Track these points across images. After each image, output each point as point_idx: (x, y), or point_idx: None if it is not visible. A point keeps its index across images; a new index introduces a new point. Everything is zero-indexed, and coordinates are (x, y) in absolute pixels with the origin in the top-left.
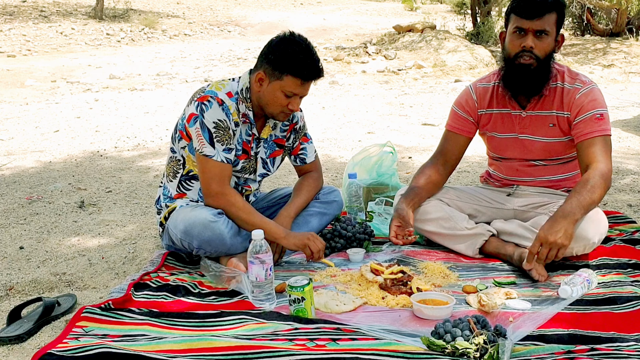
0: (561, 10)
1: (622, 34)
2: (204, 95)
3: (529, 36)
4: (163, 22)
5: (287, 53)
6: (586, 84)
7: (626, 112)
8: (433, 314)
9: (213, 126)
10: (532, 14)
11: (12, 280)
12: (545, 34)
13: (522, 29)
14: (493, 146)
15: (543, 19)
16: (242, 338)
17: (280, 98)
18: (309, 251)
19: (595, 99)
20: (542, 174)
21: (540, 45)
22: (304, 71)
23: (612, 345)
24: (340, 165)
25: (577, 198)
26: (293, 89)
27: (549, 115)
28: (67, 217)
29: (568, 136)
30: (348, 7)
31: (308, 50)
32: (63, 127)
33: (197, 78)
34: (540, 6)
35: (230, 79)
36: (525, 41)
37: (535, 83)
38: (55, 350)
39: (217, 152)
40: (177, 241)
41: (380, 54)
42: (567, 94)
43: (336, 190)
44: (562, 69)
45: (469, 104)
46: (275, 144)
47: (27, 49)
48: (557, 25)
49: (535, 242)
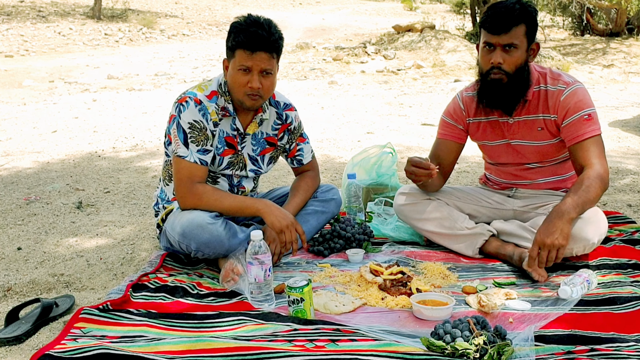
0: (530, 20)
1: (622, 33)
2: (183, 97)
3: (497, 51)
4: (161, 22)
5: (234, 29)
6: (569, 84)
7: (626, 112)
8: (433, 315)
9: (188, 127)
10: (499, 28)
11: (10, 281)
12: (514, 47)
13: (491, 44)
14: (487, 154)
15: (510, 33)
16: (241, 339)
17: (239, 77)
18: (283, 238)
19: (581, 99)
20: (539, 177)
21: (510, 60)
22: (248, 41)
23: (612, 346)
24: (339, 165)
25: (571, 197)
26: (244, 62)
27: (536, 120)
28: (65, 217)
29: (558, 137)
30: (347, 7)
31: (254, 22)
32: (61, 128)
33: (196, 78)
34: (506, 20)
35: (209, 79)
36: (493, 57)
37: (508, 97)
38: (53, 351)
39: (191, 152)
40: (175, 243)
41: (380, 54)
42: (551, 96)
43: (334, 189)
44: (544, 71)
45: (457, 113)
46: (266, 142)
47: (25, 49)
48: (528, 36)
49: (534, 246)
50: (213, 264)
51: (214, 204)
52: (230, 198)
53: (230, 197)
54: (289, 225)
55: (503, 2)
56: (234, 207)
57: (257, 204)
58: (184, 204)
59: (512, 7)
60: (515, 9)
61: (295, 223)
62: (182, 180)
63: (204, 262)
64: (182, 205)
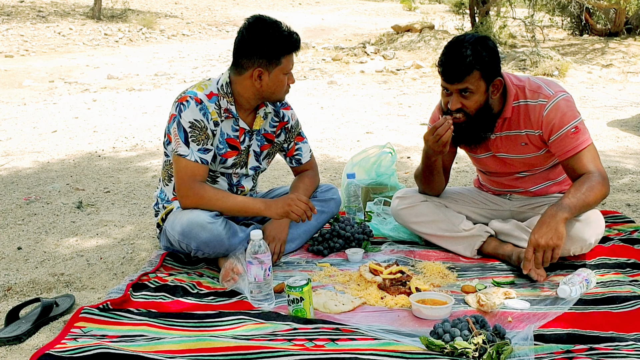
0: (483, 65)
1: (621, 33)
2: (184, 96)
3: (454, 97)
4: (161, 22)
5: (274, 38)
6: (550, 97)
7: (624, 112)
8: (432, 314)
9: (189, 126)
10: (451, 79)
11: (10, 280)
12: (470, 92)
13: (447, 89)
14: (475, 163)
15: (463, 81)
16: (241, 338)
17: (283, 80)
18: (295, 215)
19: (565, 112)
20: (531, 185)
21: (468, 103)
22: (292, 45)
23: (610, 345)
24: (338, 165)
25: (569, 198)
26: (290, 66)
27: (519, 135)
28: (65, 217)
29: (544, 149)
30: (346, 7)
31: (279, 25)
32: (61, 128)
33: (195, 78)
34: (457, 72)
35: (208, 79)
36: (450, 103)
37: (474, 134)
38: (53, 350)
39: (192, 151)
40: (175, 242)
41: (379, 54)
42: (532, 111)
43: (334, 188)
44: (521, 84)
45: None
46: (264, 138)
47: (25, 49)
48: (485, 78)
49: (528, 248)
50: (213, 263)
51: (216, 203)
52: (232, 198)
53: (232, 197)
54: (290, 201)
55: (456, 45)
56: (236, 207)
57: (259, 204)
58: (185, 204)
59: (462, 55)
60: (466, 57)
61: (293, 198)
62: (183, 180)
63: (204, 262)
64: (183, 204)
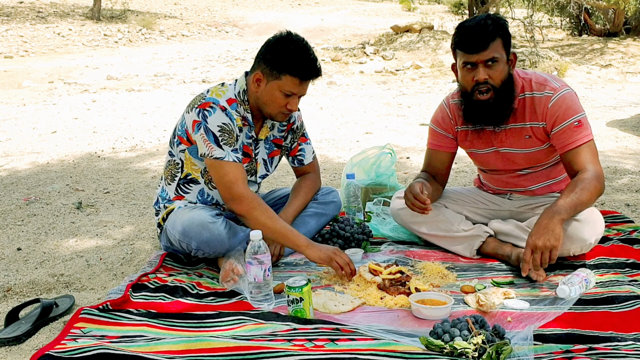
0: (504, 32)
1: (620, 34)
2: (205, 102)
3: (480, 68)
4: (160, 22)
5: (285, 52)
6: (556, 90)
7: (624, 112)
8: (431, 314)
9: (218, 129)
10: (477, 47)
11: (9, 281)
12: (496, 62)
13: (472, 62)
14: (477, 161)
15: (489, 48)
16: (241, 339)
17: (279, 98)
18: (336, 265)
19: (570, 105)
20: (532, 183)
21: (494, 74)
22: (302, 70)
23: (610, 345)
24: (338, 165)
25: (564, 199)
26: (291, 89)
27: (524, 128)
28: (65, 218)
29: (547, 143)
30: (346, 7)
31: (305, 49)
32: (60, 128)
33: (195, 79)
34: (482, 38)
35: (220, 83)
36: (477, 74)
37: (496, 114)
38: (53, 351)
39: (227, 153)
40: (176, 242)
41: (378, 55)
42: (538, 103)
43: (334, 191)
44: (528, 77)
45: (446, 121)
46: (274, 144)
47: (25, 50)
48: (506, 47)
49: (526, 250)
50: (212, 263)
51: (265, 222)
52: (280, 222)
53: (280, 221)
54: (335, 251)
55: (472, 20)
56: (281, 232)
57: (302, 240)
58: (236, 208)
59: (484, 23)
60: (488, 25)
61: (337, 250)
62: (232, 183)
63: (204, 262)
64: (231, 209)
